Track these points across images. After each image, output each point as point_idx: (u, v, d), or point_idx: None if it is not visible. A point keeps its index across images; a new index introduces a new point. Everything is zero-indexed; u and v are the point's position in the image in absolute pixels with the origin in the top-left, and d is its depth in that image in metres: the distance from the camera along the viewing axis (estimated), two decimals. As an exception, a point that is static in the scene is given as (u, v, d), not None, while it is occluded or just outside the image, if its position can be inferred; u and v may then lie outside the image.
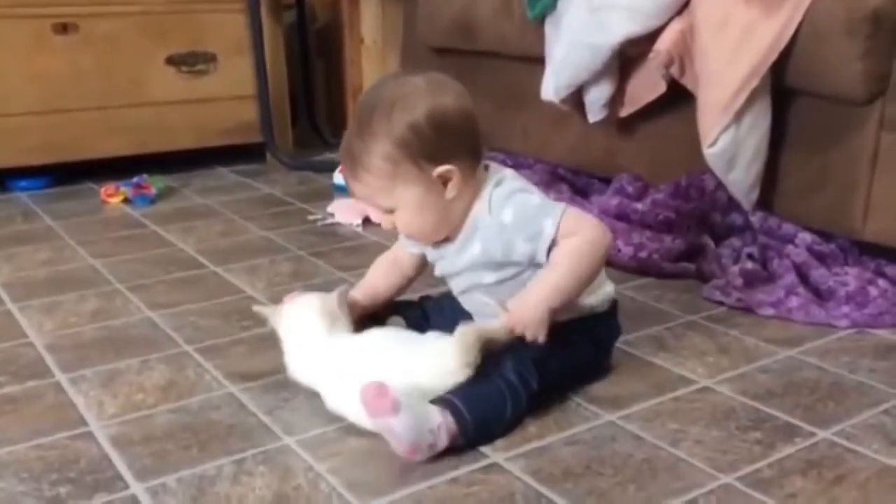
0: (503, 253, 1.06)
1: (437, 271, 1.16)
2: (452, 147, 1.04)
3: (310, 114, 2.73)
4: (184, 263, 1.65)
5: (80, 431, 1.03)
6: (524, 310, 1.03)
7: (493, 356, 1.03)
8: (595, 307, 1.13)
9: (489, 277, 1.09)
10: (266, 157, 2.47)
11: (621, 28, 1.55)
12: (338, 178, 2.21)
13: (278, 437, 1.01)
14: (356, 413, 0.98)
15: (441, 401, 0.97)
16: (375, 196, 1.06)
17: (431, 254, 1.16)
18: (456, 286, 1.15)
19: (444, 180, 1.04)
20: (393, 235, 1.77)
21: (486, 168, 1.10)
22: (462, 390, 0.99)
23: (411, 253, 1.20)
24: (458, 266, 1.11)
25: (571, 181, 1.92)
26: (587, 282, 1.05)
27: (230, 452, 0.98)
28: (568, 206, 1.05)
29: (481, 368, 1.00)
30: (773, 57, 1.38)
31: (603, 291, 1.14)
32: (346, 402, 1.01)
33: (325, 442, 1.00)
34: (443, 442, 0.95)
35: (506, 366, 1.03)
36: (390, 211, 1.07)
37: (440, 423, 0.94)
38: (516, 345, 1.04)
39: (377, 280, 1.22)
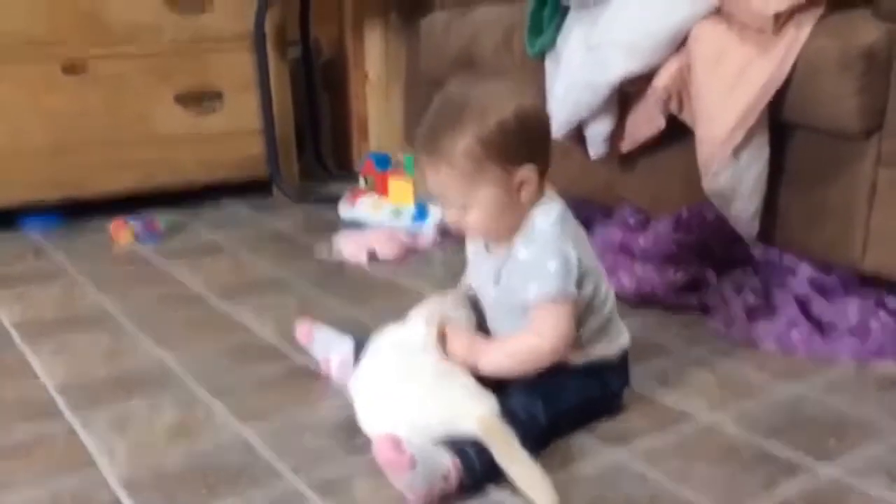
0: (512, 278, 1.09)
1: (473, 277, 1.18)
2: (534, 149, 1.06)
3: (315, 148, 2.76)
4: (192, 301, 1.67)
5: (91, 475, 1.05)
6: (462, 350, 1.08)
7: (502, 394, 1.04)
8: (606, 357, 1.14)
9: (518, 306, 1.09)
10: (273, 190, 2.50)
11: (619, 66, 1.57)
12: (344, 210, 2.23)
13: (287, 479, 1.03)
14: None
15: (449, 444, 0.98)
16: (450, 191, 1.07)
17: (472, 257, 1.17)
18: (485, 303, 1.16)
19: (521, 183, 1.06)
20: (398, 270, 1.78)
21: None
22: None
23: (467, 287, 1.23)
24: (491, 281, 1.12)
25: (574, 211, 1.93)
26: (515, 374, 1.08)
27: (240, 494, 1.00)
28: (560, 302, 1.05)
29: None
30: (770, 95, 1.40)
31: (618, 343, 1.15)
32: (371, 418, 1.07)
33: (334, 482, 1.01)
34: (453, 486, 0.96)
35: (515, 404, 1.04)
36: (463, 207, 1.08)
37: (450, 468, 0.95)
38: (526, 385, 1.06)
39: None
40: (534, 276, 1.05)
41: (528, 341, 1.07)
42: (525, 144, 1.06)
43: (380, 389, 1.07)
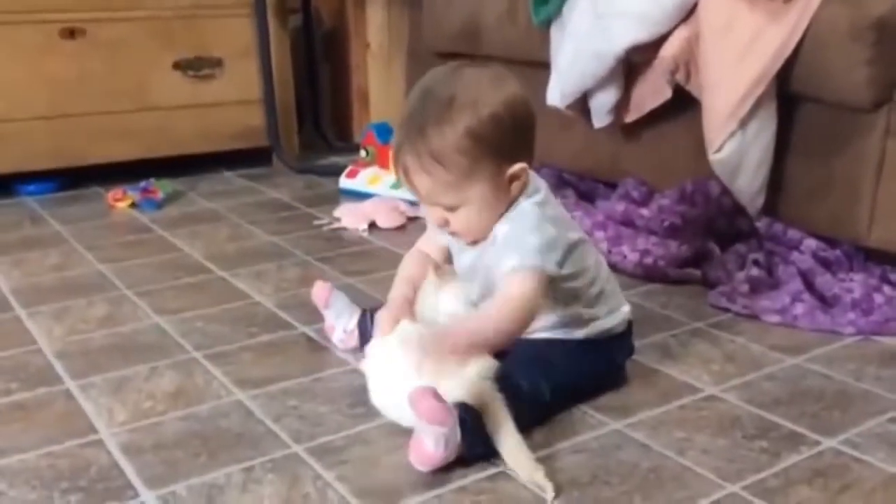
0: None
1: (457, 265, 1.14)
2: (524, 142, 1.02)
3: (316, 118, 2.74)
4: (191, 268, 1.65)
5: (90, 439, 1.04)
6: (442, 353, 0.99)
7: (505, 368, 1.03)
8: (611, 329, 1.13)
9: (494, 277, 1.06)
10: (272, 161, 2.48)
11: (627, 35, 1.55)
12: (344, 182, 2.22)
13: (286, 445, 1.02)
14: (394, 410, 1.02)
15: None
16: (441, 193, 1.01)
17: (454, 250, 1.14)
18: (473, 287, 1.13)
19: (513, 178, 1.02)
20: (398, 241, 1.78)
21: None
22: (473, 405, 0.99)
23: (440, 245, 1.17)
24: (473, 273, 1.10)
25: (576, 185, 1.92)
26: (500, 340, 1.02)
27: (239, 460, 0.99)
28: (535, 271, 1.00)
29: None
30: (779, 64, 1.38)
31: (620, 313, 1.14)
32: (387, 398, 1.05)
33: (333, 450, 1.01)
34: (453, 456, 0.95)
35: (518, 376, 1.03)
36: (451, 208, 1.03)
37: (460, 439, 0.94)
38: (530, 357, 1.05)
39: (416, 273, 1.15)
40: (513, 249, 1.01)
41: (493, 305, 1.02)
42: (518, 138, 1.01)
43: (386, 363, 1.06)
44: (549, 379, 1.04)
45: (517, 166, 1.01)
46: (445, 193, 1.02)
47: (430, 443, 0.93)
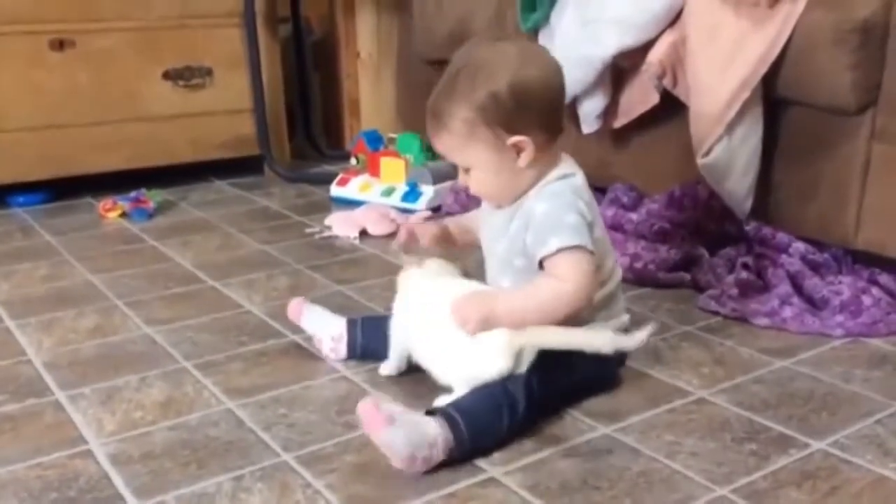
0: (524, 240, 1.09)
1: (481, 233, 1.19)
2: (530, 119, 1.06)
3: (307, 127, 2.74)
4: (182, 278, 1.65)
5: (79, 450, 1.04)
6: (472, 305, 1.04)
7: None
8: None
9: (518, 261, 1.11)
10: (264, 170, 2.48)
11: (614, 41, 1.56)
12: (335, 190, 2.22)
13: (276, 454, 1.02)
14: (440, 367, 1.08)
15: (439, 412, 0.98)
16: (452, 154, 1.11)
17: (484, 215, 1.19)
18: (490, 260, 1.17)
19: (518, 149, 1.07)
20: (389, 248, 1.79)
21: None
22: (460, 402, 1.00)
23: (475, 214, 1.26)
24: (500, 235, 1.13)
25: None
26: (540, 323, 1.04)
27: (228, 469, 0.99)
28: (581, 251, 1.04)
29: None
30: (764, 69, 1.39)
31: (619, 321, 1.15)
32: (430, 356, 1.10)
33: (323, 458, 1.01)
34: (439, 455, 0.95)
35: (506, 377, 1.03)
36: (466, 169, 1.11)
37: (437, 435, 0.95)
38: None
39: (469, 220, 1.27)
40: (553, 230, 1.05)
41: (548, 283, 1.05)
42: (519, 115, 1.05)
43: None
44: (538, 378, 1.04)
45: (516, 138, 1.06)
46: (453, 154, 1.11)
47: (383, 449, 0.95)
